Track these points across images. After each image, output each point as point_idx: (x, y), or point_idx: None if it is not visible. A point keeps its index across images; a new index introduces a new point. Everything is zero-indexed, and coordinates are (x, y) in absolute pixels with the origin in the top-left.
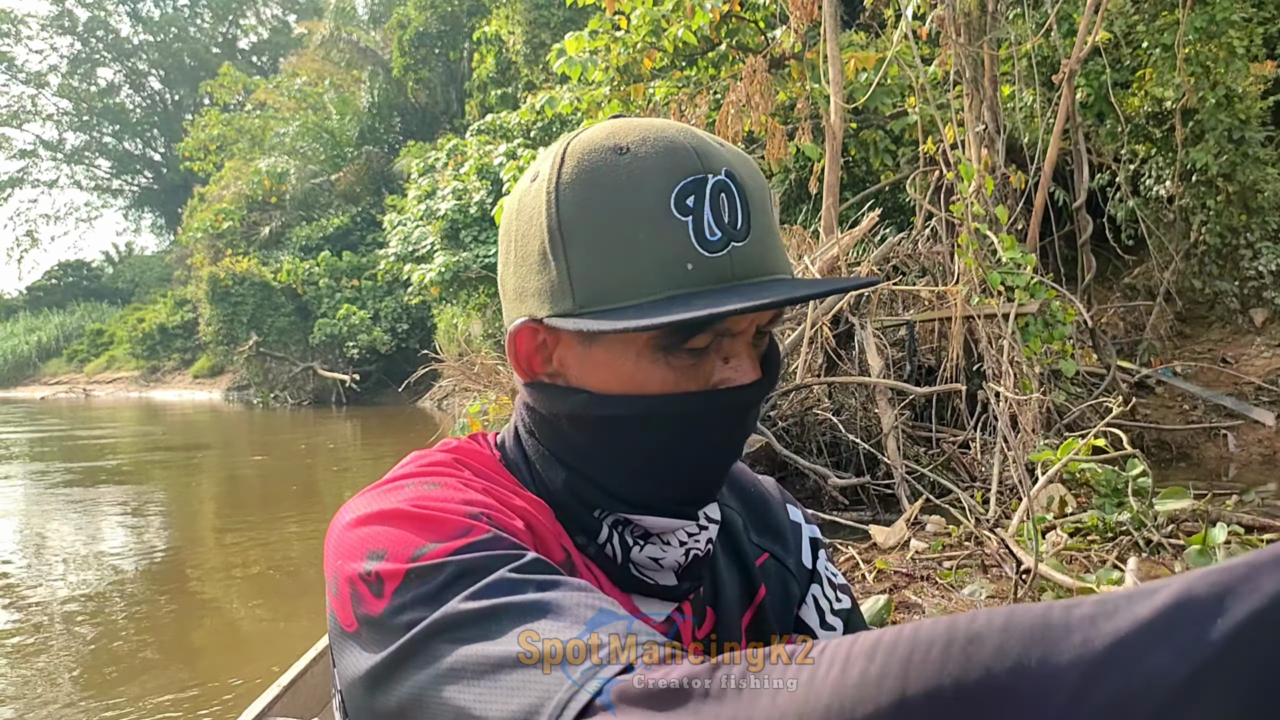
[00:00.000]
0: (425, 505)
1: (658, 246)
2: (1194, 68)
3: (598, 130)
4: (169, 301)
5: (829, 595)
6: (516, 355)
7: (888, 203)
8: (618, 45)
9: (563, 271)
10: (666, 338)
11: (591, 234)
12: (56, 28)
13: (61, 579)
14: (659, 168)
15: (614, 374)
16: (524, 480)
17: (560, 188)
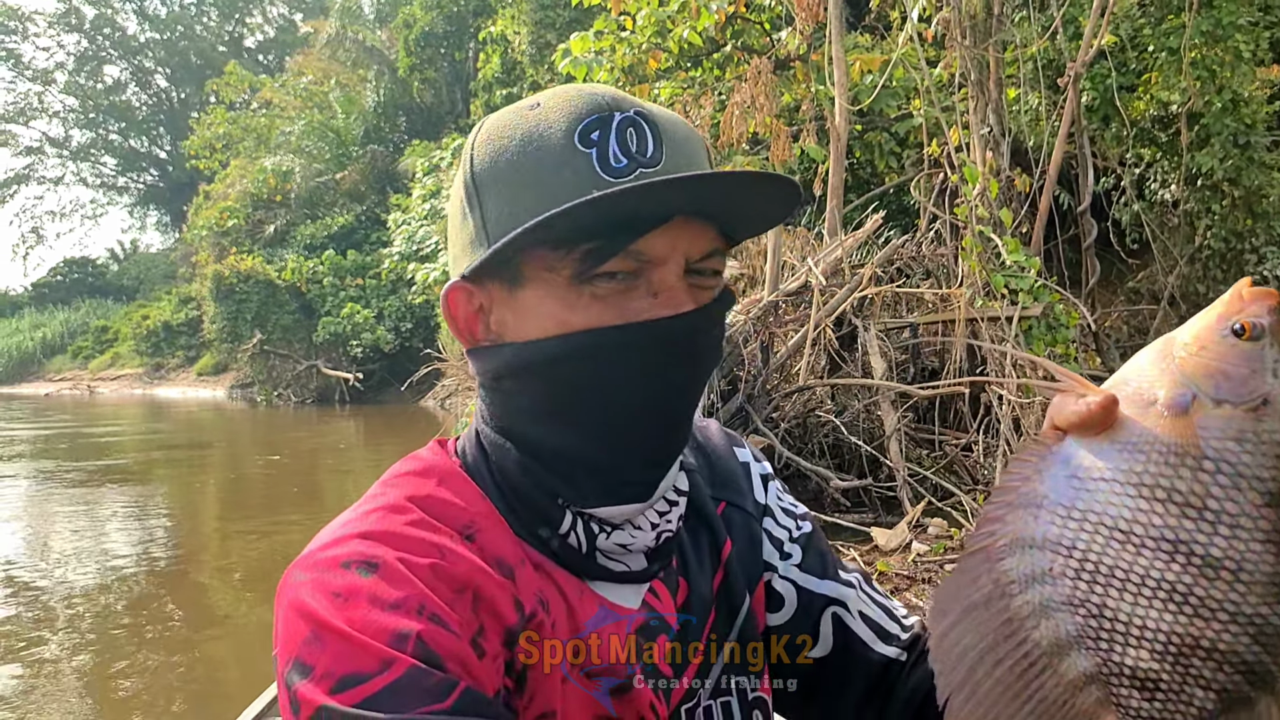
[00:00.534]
0: (354, 620)
1: (561, 179)
2: (1200, 72)
3: (533, 98)
4: (173, 299)
5: (785, 524)
6: (454, 320)
7: (892, 205)
8: (623, 46)
9: (478, 222)
10: (582, 265)
11: (500, 180)
12: (63, 25)
13: (66, 577)
14: (565, 111)
15: (540, 316)
16: (484, 484)
17: (475, 147)
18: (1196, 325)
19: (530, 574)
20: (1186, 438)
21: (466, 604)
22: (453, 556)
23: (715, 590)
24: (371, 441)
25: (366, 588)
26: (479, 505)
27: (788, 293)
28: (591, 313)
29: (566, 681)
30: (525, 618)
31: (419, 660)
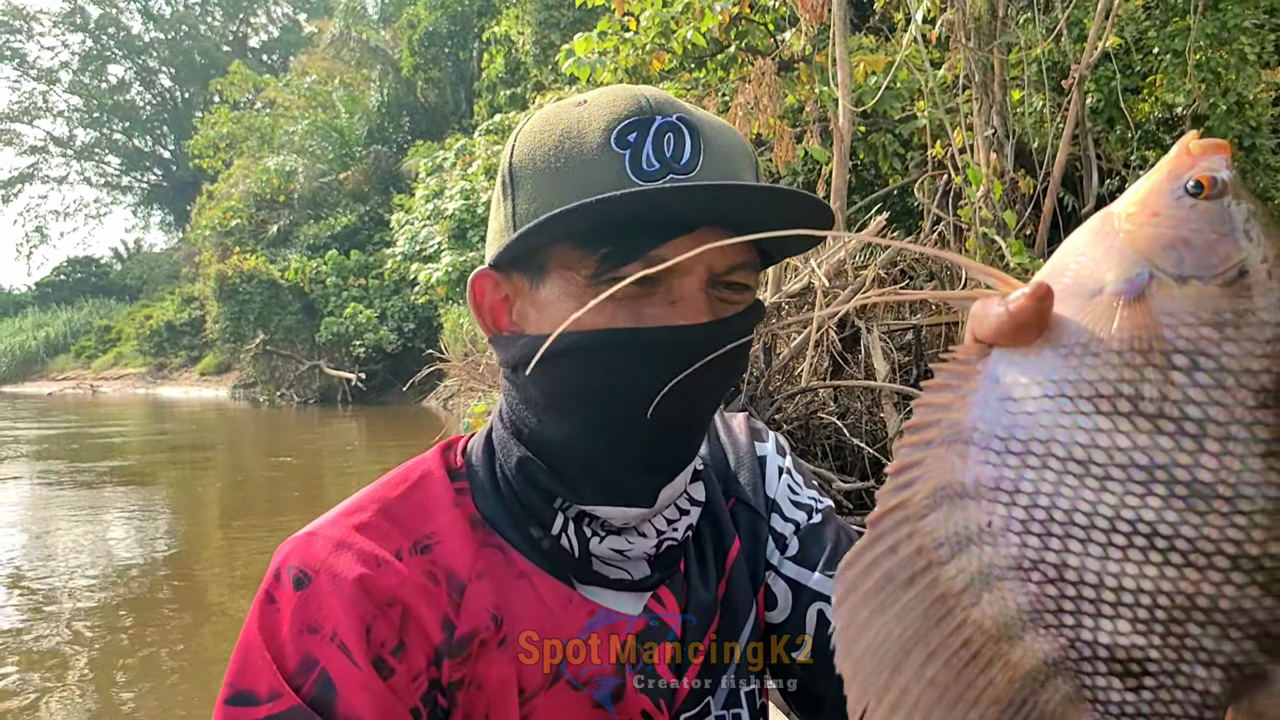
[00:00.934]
0: (271, 637)
1: (591, 177)
2: (1205, 74)
3: (589, 94)
4: (176, 299)
5: (793, 518)
6: (478, 305)
7: (896, 206)
8: (627, 46)
9: (509, 213)
10: (601, 266)
11: (534, 174)
12: (68, 24)
13: (69, 578)
14: (607, 110)
15: (559, 314)
16: (478, 486)
17: (519, 138)
18: (1141, 189)
19: (485, 589)
20: (1147, 328)
21: (392, 620)
22: (387, 570)
23: (720, 593)
24: (374, 442)
25: (293, 603)
26: (445, 515)
27: (790, 294)
28: (605, 314)
29: (545, 691)
30: (456, 639)
31: (309, 699)
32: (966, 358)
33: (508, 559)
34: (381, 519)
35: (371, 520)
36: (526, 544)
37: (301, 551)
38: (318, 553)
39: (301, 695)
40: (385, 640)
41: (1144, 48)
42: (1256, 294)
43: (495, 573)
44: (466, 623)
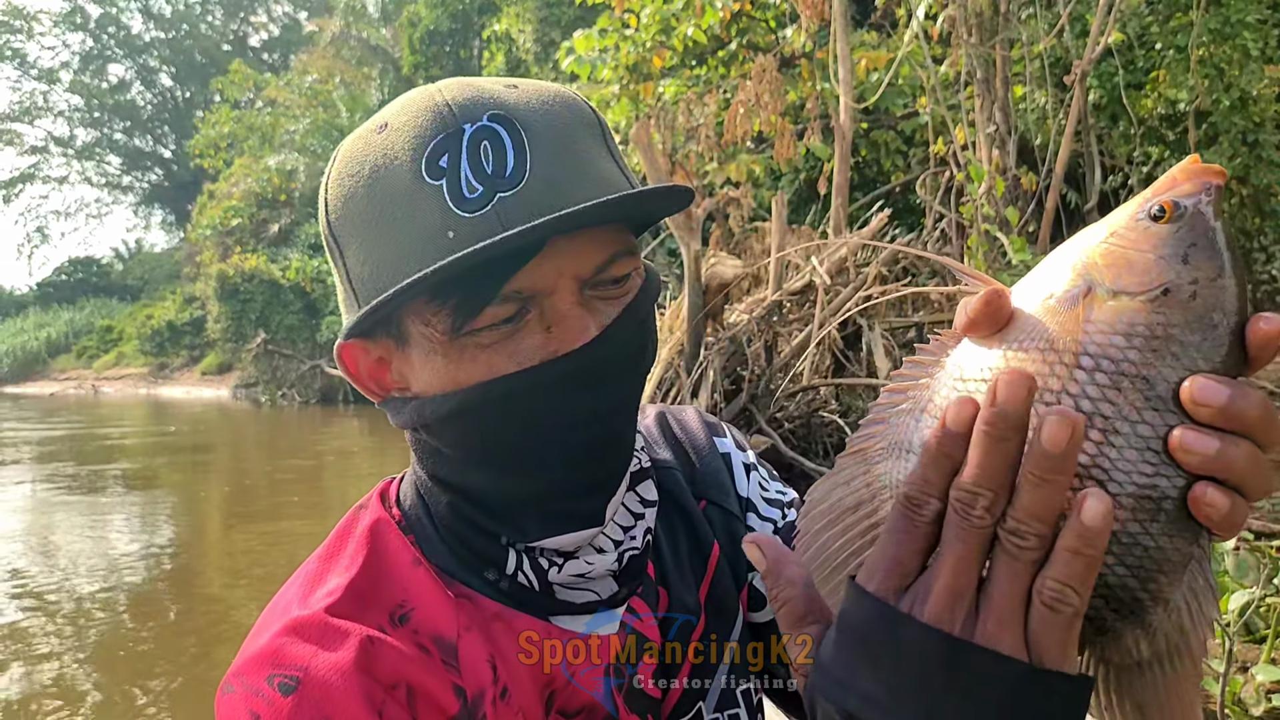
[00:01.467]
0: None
1: (414, 222)
2: (1208, 70)
3: (390, 106)
4: (178, 298)
5: (769, 516)
6: (357, 379)
7: (898, 203)
8: (627, 44)
9: (344, 277)
10: (454, 319)
11: (355, 228)
12: (68, 24)
13: (73, 579)
14: (410, 133)
15: (431, 373)
16: (423, 535)
17: (329, 189)
18: (1119, 211)
19: (476, 641)
20: (1069, 332)
21: (401, 700)
22: (382, 649)
23: (703, 597)
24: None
25: (287, 710)
26: (412, 575)
27: (791, 292)
28: (479, 365)
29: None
30: (470, 704)
31: None
32: (943, 341)
33: (478, 605)
34: (350, 598)
35: (341, 601)
36: (487, 587)
37: (272, 660)
38: (295, 653)
39: None
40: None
41: (1147, 43)
42: (1172, 311)
43: (475, 622)
44: (473, 683)
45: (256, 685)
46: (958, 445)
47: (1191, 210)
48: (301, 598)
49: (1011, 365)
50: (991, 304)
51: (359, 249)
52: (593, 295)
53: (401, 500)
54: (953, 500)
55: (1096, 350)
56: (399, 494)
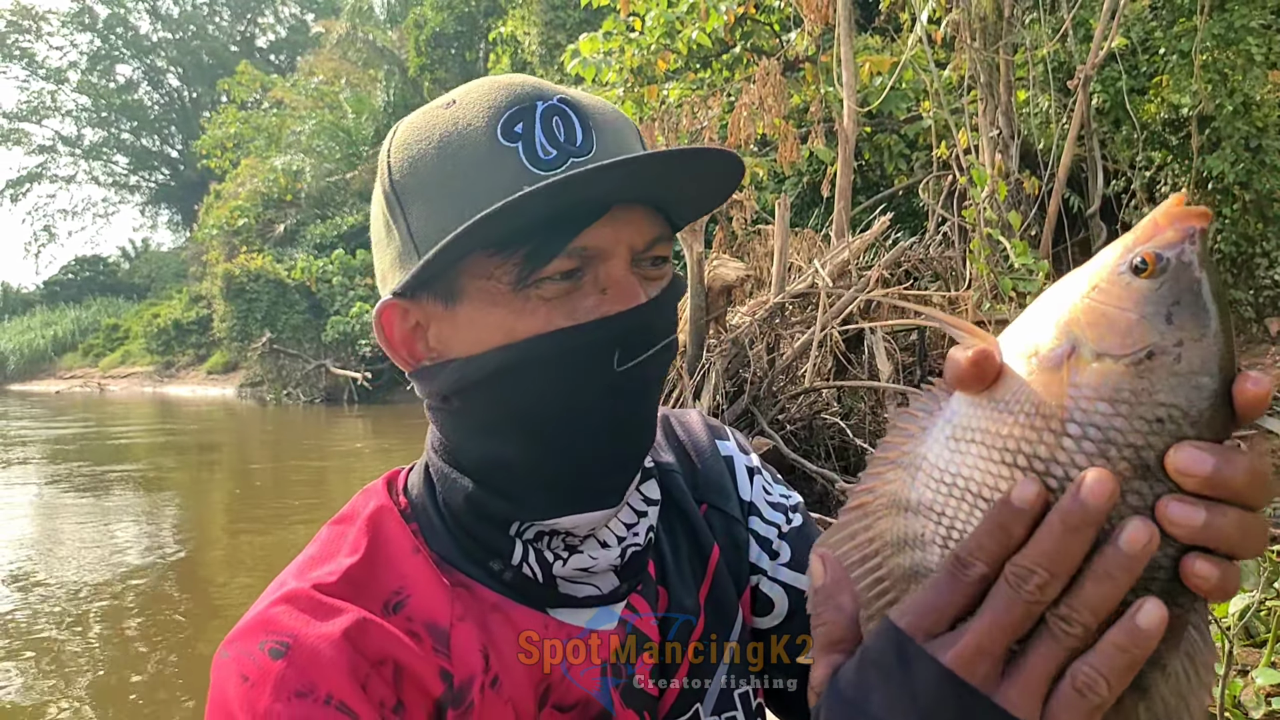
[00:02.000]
0: (256, 711)
1: (489, 178)
2: (1211, 75)
3: (454, 92)
4: (184, 298)
5: (773, 520)
6: (390, 343)
7: (901, 207)
8: (632, 47)
9: (404, 234)
10: (523, 269)
11: (423, 187)
12: (77, 24)
13: (78, 576)
14: (484, 105)
15: (484, 328)
16: (428, 525)
17: (391, 154)
18: (1102, 257)
19: (470, 630)
20: (1054, 397)
21: (386, 677)
22: (372, 628)
23: (702, 599)
24: (381, 441)
25: (275, 673)
26: (409, 564)
27: (794, 295)
28: (539, 317)
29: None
30: (456, 689)
31: None
32: (937, 393)
33: (475, 595)
34: (346, 582)
35: (337, 584)
36: (489, 577)
37: (264, 627)
38: (287, 622)
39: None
40: (384, 699)
41: (1150, 48)
42: (1158, 377)
43: (470, 612)
44: (462, 670)
45: (248, 649)
46: (1018, 523)
47: (1175, 263)
48: (299, 574)
49: (1002, 428)
50: (979, 364)
51: (425, 206)
52: (639, 272)
53: (409, 489)
54: (1008, 572)
55: (1082, 417)
56: (407, 483)
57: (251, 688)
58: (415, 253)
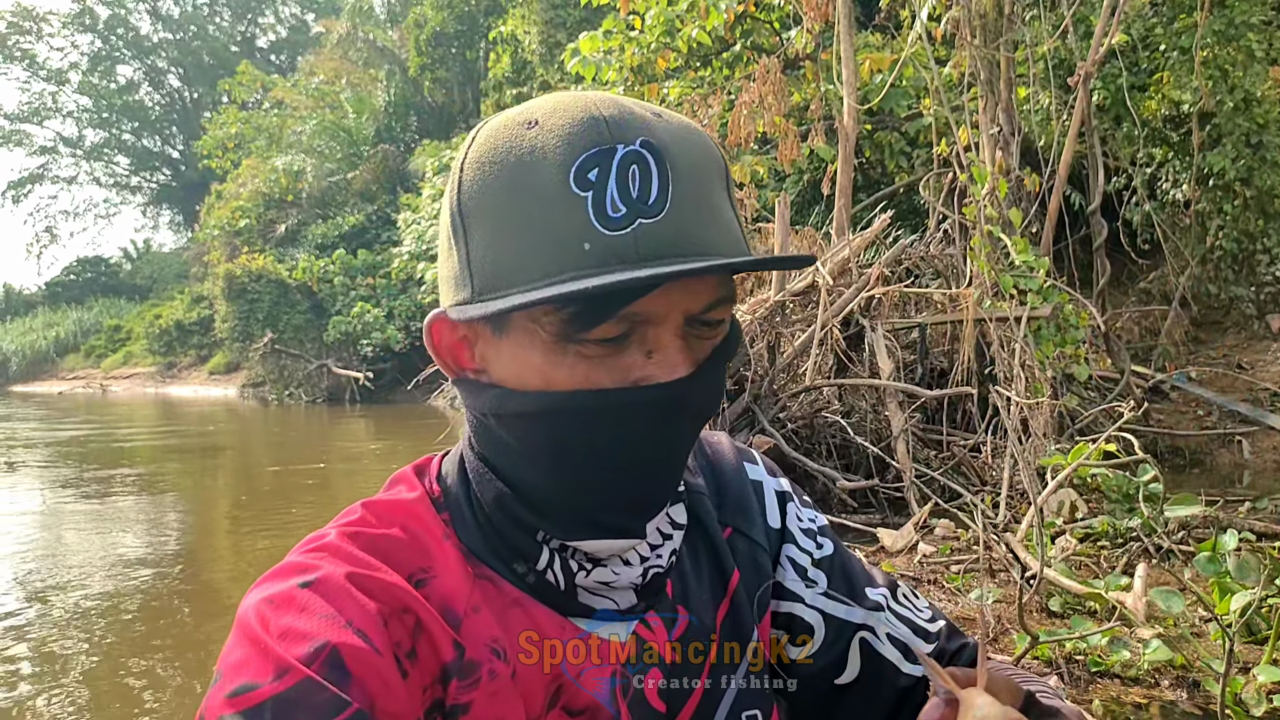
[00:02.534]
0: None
1: (552, 226)
2: (1212, 71)
3: (521, 106)
4: (186, 298)
5: (806, 547)
6: (437, 350)
7: (903, 205)
8: (632, 45)
9: (462, 257)
10: (568, 326)
11: (489, 215)
12: (77, 25)
13: (83, 580)
14: (563, 139)
15: (524, 367)
16: (459, 514)
17: (465, 167)
18: None
19: (483, 622)
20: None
21: (408, 625)
22: (397, 586)
23: (719, 621)
24: (385, 441)
25: (300, 597)
26: (438, 548)
27: (795, 293)
28: (578, 372)
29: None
30: (466, 660)
31: (320, 674)
32: None
33: (499, 589)
34: (371, 550)
35: (361, 549)
36: (513, 575)
37: (295, 567)
38: (318, 563)
39: (313, 671)
40: (400, 641)
41: (1151, 45)
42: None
43: (490, 604)
44: (472, 651)
45: (276, 584)
46: None
47: None
48: (327, 533)
49: None
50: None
51: (486, 236)
52: (690, 331)
53: (444, 477)
54: None
55: None
56: (441, 470)
57: (275, 608)
58: (470, 279)
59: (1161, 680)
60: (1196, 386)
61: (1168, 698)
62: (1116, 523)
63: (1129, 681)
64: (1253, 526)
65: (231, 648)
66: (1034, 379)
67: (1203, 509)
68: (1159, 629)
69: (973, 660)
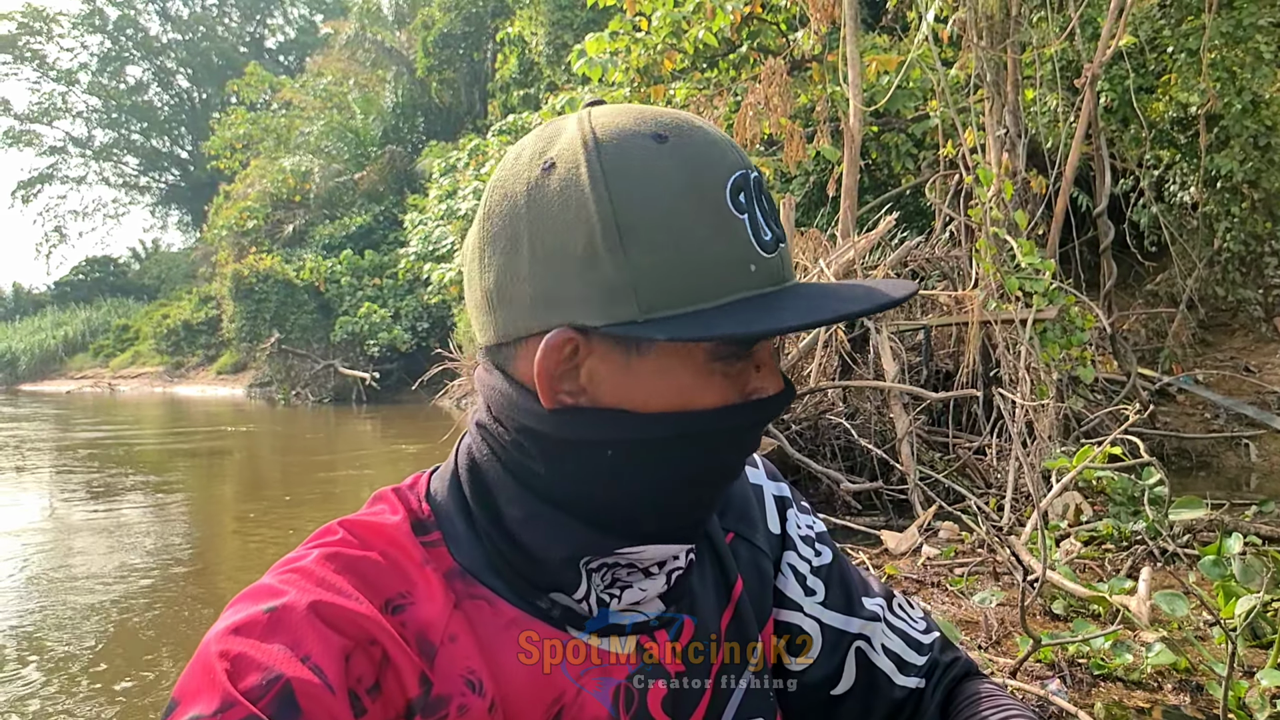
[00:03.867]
0: (230, 654)
1: (722, 246)
2: (1219, 73)
3: (615, 115)
4: (194, 298)
5: (805, 555)
6: (540, 371)
7: (909, 206)
8: (638, 46)
9: (619, 266)
10: (727, 347)
11: (653, 230)
12: (87, 26)
13: (91, 583)
14: (708, 160)
15: (665, 388)
16: (452, 535)
17: (609, 176)
18: None
19: (461, 651)
20: None
21: (372, 658)
22: (366, 617)
23: (724, 627)
24: (390, 441)
25: (262, 624)
26: (418, 574)
27: None
28: (720, 390)
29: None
30: (432, 697)
31: (267, 710)
32: None
33: (495, 609)
34: (348, 573)
35: (337, 572)
36: (512, 593)
37: (263, 590)
38: (284, 588)
39: (259, 708)
40: (362, 676)
41: (1158, 46)
42: None
43: (478, 629)
44: (441, 685)
45: (241, 607)
46: None
47: None
48: (305, 557)
49: None
50: None
51: (653, 249)
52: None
53: (433, 495)
54: None
55: None
56: (428, 490)
57: (235, 635)
58: (633, 297)
59: (1165, 684)
60: (1203, 389)
61: (1171, 701)
62: (1121, 526)
63: (1132, 685)
64: (1259, 530)
65: (188, 675)
66: (1039, 381)
67: (1207, 512)
68: (1163, 632)
69: (965, 674)
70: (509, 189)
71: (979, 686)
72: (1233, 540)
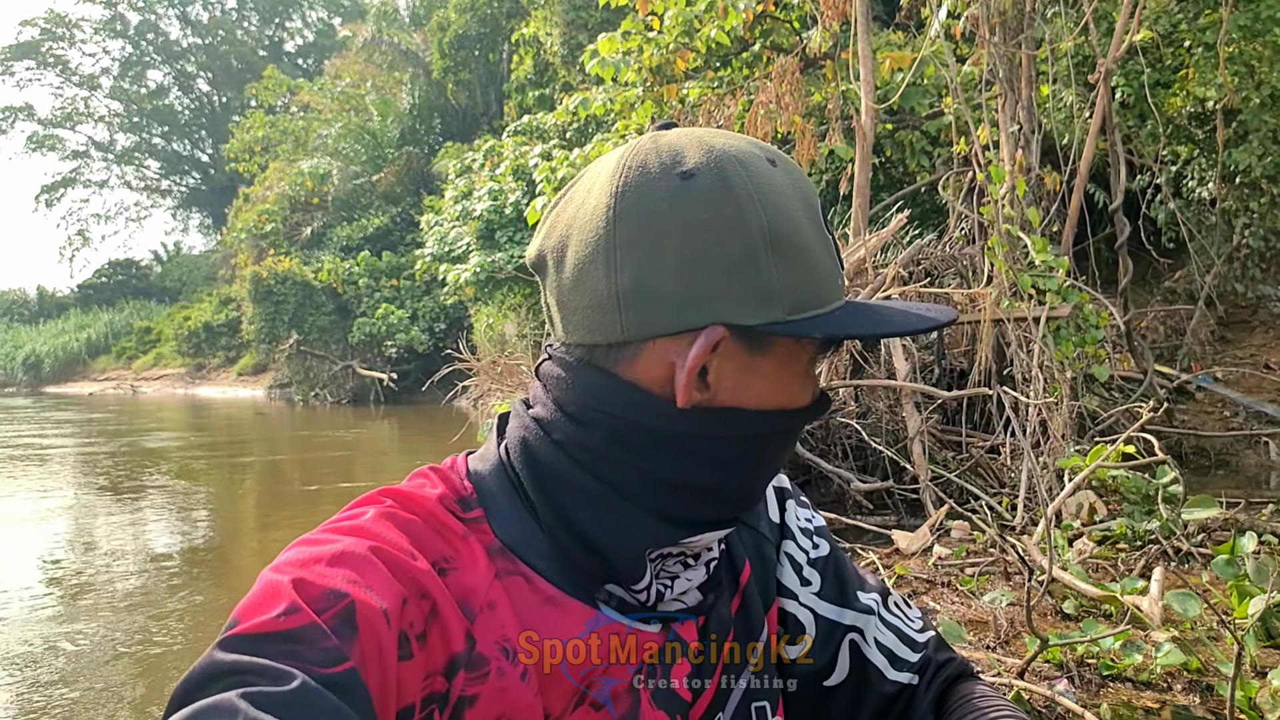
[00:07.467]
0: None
1: (828, 260)
2: (1237, 67)
3: (727, 137)
4: (214, 300)
5: (803, 545)
6: (691, 371)
7: (924, 204)
8: (651, 46)
9: (772, 277)
10: (823, 350)
11: (795, 246)
12: (109, 31)
13: (112, 574)
14: (807, 185)
15: (778, 385)
16: (495, 511)
17: (760, 191)
18: None
19: (498, 619)
20: None
21: (424, 610)
22: (422, 571)
23: (734, 613)
24: (408, 441)
25: (325, 557)
26: (460, 544)
27: None
28: (805, 388)
29: (569, 715)
30: (476, 653)
31: (329, 623)
32: None
33: (532, 585)
34: (405, 531)
35: (392, 529)
36: (551, 570)
37: (320, 540)
38: (345, 536)
39: (323, 619)
40: (414, 621)
41: (1175, 41)
42: None
43: (516, 601)
44: (483, 646)
45: (304, 547)
46: None
47: None
48: (360, 515)
49: None
50: None
51: (794, 264)
52: None
53: (474, 476)
54: None
55: None
56: (468, 470)
57: (296, 564)
58: (779, 300)
59: (1174, 685)
60: (1222, 387)
61: (1180, 702)
62: (1135, 525)
63: (1141, 685)
64: (1275, 529)
65: (248, 598)
66: (1052, 380)
67: (1221, 511)
68: (1173, 632)
69: (961, 675)
70: (645, 193)
71: (974, 687)
72: (1246, 539)
